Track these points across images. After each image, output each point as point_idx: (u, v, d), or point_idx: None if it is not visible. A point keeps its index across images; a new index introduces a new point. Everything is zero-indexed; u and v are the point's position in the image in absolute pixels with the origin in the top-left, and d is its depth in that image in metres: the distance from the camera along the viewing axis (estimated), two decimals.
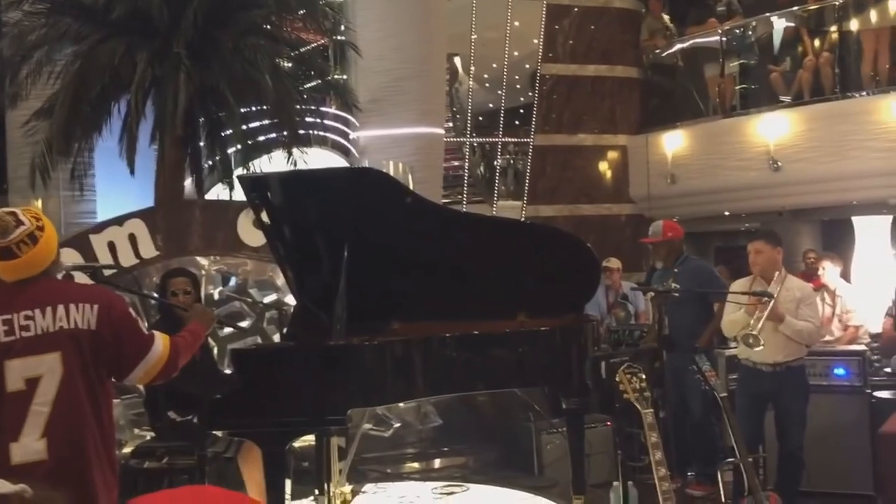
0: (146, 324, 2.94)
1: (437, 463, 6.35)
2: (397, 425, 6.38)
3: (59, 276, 2.94)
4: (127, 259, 5.62)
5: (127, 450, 5.25)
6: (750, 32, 10.79)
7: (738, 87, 10.81)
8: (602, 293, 7.04)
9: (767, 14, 10.61)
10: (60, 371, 2.58)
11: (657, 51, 11.95)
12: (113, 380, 2.78)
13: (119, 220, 5.68)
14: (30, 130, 6.46)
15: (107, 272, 4.00)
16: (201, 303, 4.94)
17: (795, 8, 10.25)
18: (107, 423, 2.69)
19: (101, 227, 5.71)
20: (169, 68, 6.01)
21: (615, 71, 11.96)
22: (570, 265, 4.43)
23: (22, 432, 2.54)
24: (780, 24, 10.44)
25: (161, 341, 2.76)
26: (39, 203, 7.34)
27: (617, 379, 3.35)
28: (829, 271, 6.86)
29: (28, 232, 2.62)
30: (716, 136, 10.52)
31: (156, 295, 4.89)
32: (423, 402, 6.17)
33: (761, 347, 4.52)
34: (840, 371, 5.48)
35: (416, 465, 6.31)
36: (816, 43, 9.97)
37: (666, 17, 12.11)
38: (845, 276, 7.57)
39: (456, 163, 11.53)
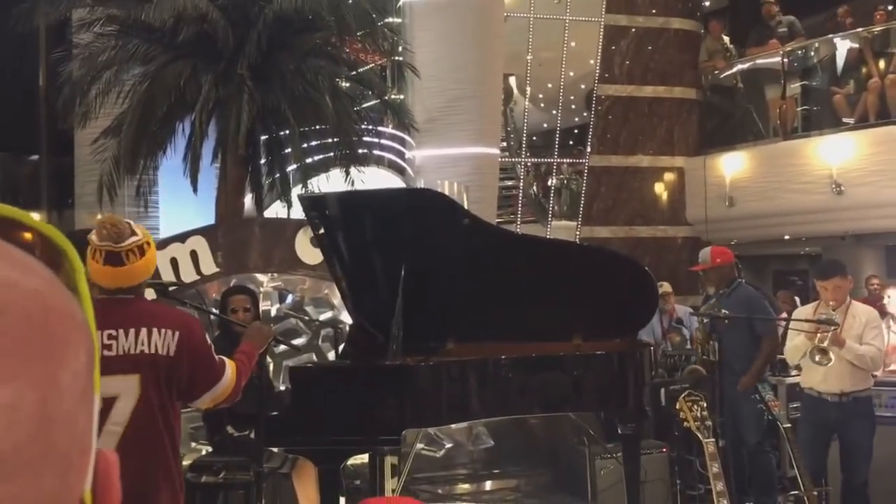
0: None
1: (488, 485, 6.30)
2: (449, 445, 6.35)
3: None
4: (188, 275, 5.72)
5: (185, 463, 5.34)
6: (812, 54, 10.61)
7: (799, 109, 10.62)
8: (657, 318, 6.93)
9: (831, 35, 10.43)
10: (137, 393, 2.61)
11: (716, 72, 11.81)
12: None
13: (181, 237, 5.80)
14: (98, 148, 6.66)
15: (171, 288, 4.09)
16: (259, 320, 5.00)
17: (860, 29, 10.05)
18: (176, 444, 2.73)
19: (164, 244, 5.84)
20: (232, 89, 6.16)
21: (673, 92, 11.85)
22: (627, 288, 4.37)
23: None
24: (843, 45, 10.24)
25: (230, 369, 2.80)
26: None
27: (677, 406, 3.29)
28: (894, 298, 6.66)
29: (139, 243, 2.67)
30: (776, 158, 10.34)
31: (215, 311, 4.97)
32: (475, 423, 6.14)
33: (832, 361, 4.39)
34: None
35: (467, 486, 6.27)
36: (881, 64, 9.75)
37: (726, 38, 11.98)
38: None
39: (510, 182, 11.52)
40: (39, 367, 0.33)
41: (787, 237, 10.94)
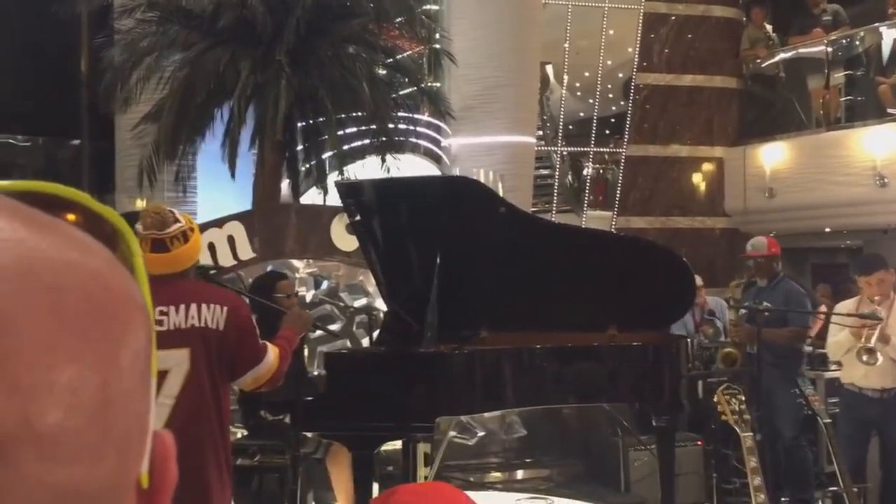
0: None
1: (520, 474, 6.30)
2: (481, 434, 6.36)
3: None
4: (225, 260, 5.78)
5: None
6: (857, 43, 10.38)
7: (843, 99, 10.41)
8: (688, 312, 6.86)
9: (876, 24, 10.18)
10: (188, 367, 2.68)
11: (758, 61, 11.61)
12: None
13: (219, 222, 5.85)
14: (138, 133, 6.74)
15: (210, 272, 4.12)
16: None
17: None
18: (225, 422, 2.80)
19: (201, 229, 5.86)
20: (270, 75, 6.19)
21: (713, 81, 11.67)
22: (663, 279, 4.33)
23: None
24: (889, 34, 10.00)
25: (272, 353, 2.85)
26: (144, 203, 7.64)
27: (715, 399, 3.25)
28: None
29: (182, 230, 2.76)
30: (818, 149, 10.15)
31: (253, 295, 5.00)
32: (508, 412, 6.14)
33: (880, 361, 4.32)
34: None
35: (499, 474, 6.28)
36: None
37: (768, 27, 11.76)
38: None
39: (545, 171, 11.45)
40: (100, 349, 0.33)
41: (827, 230, 10.75)
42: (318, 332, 5.88)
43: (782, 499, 5.60)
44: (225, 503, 2.79)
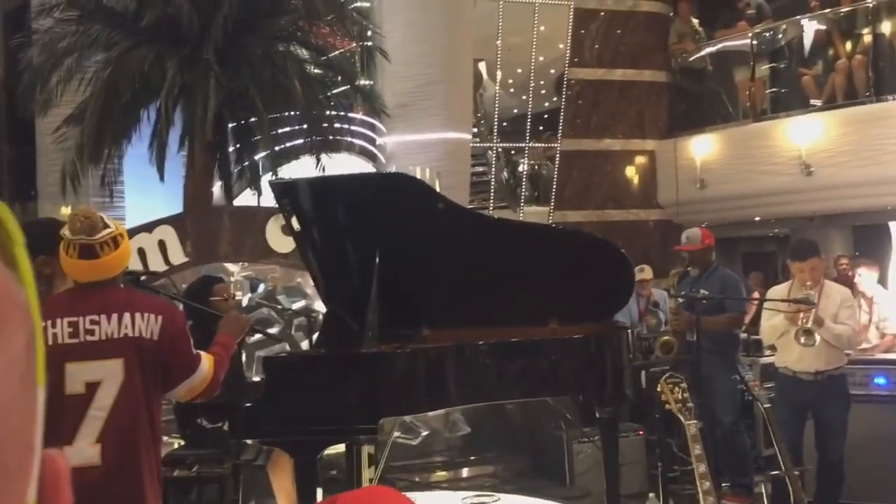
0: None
1: (465, 472, 6.27)
2: (425, 433, 6.31)
3: None
4: (157, 265, 5.60)
5: None
6: (780, 35, 10.65)
7: (768, 91, 10.67)
8: (633, 301, 6.94)
9: (798, 17, 10.47)
10: (121, 378, 2.58)
11: (685, 55, 11.83)
12: None
13: (149, 227, 5.68)
14: (60, 137, 6.49)
15: (141, 278, 3.98)
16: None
17: (827, 11, 10.10)
18: (158, 434, 2.69)
19: (131, 234, 5.68)
20: (198, 75, 6.03)
21: (643, 75, 11.85)
22: (602, 270, 4.34)
23: (77, 436, 2.53)
24: (810, 26, 10.29)
25: (207, 362, 2.76)
26: (69, 209, 7.37)
27: (658, 389, 3.26)
28: (865, 277, 6.71)
29: (112, 235, 2.64)
30: (746, 140, 10.38)
31: (187, 300, 4.85)
32: (452, 410, 6.10)
33: (817, 341, 4.40)
34: (881, 380, 5.35)
35: (444, 473, 6.24)
36: (848, 46, 9.81)
37: (695, 21, 11.99)
38: (882, 282, 7.41)
39: (481, 168, 11.47)
40: None
41: (757, 219, 11.02)
42: (257, 337, 5.76)
43: (723, 484, 5.69)
44: None
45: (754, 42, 10.77)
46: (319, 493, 4.10)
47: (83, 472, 2.49)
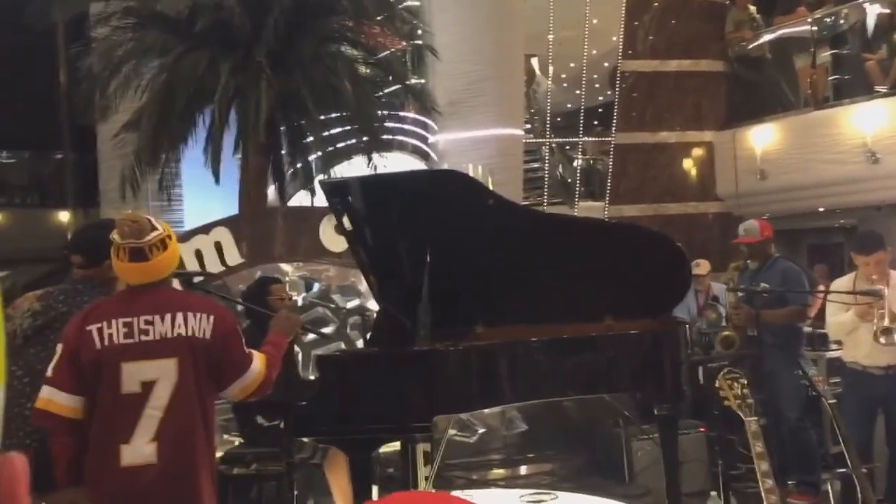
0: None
1: (523, 469, 6.23)
2: (482, 431, 6.28)
3: None
4: (213, 266, 5.69)
5: (217, 455, 5.32)
6: (842, 20, 10.32)
7: (830, 78, 10.34)
8: (692, 296, 6.80)
9: (860, 0, 10.13)
10: (175, 377, 2.61)
11: (743, 43, 11.55)
12: None
13: (205, 229, 5.76)
14: (119, 143, 6.64)
15: (196, 279, 4.04)
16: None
17: None
18: (212, 433, 2.72)
19: (188, 236, 5.81)
20: (251, 78, 6.10)
21: (699, 65, 11.60)
22: (658, 265, 4.25)
23: (134, 435, 2.57)
24: (873, 9, 9.94)
25: (259, 361, 2.79)
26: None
27: (717, 385, 3.17)
28: None
29: (161, 237, 2.69)
30: (808, 129, 10.08)
31: (240, 301, 4.91)
32: (508, 407, 6.07)
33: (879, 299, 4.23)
34: None
35: (502, 471, 6.20)
36: None
37: (752, 8, 11.70)
38: None
39: (535, 164, 11.39)
40: None
41: (821, 209, 10.70)
42: (312, 336, 5.81)
43: (788, 482, 5.52)
44: None
45: (814, 28, 10.45)
46: (375, 490, 4.11)
47: (140, 470, 2.54)
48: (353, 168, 7.31)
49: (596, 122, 11.77)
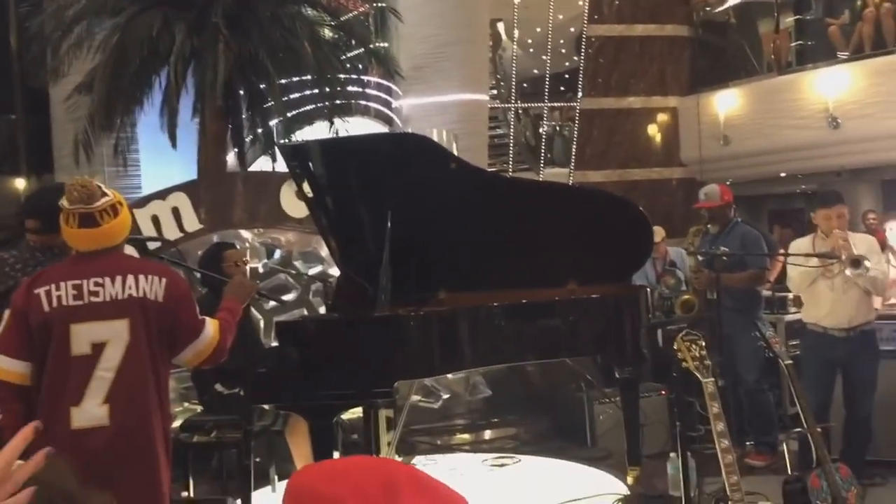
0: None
1: (487, 434, 6.26)
2: (446, 396, 6.29)
3: None
4: (171, 232, 5.59)
5: (177, 423, 5.26)
6: None
7: (793, 43, 10.40)
8: (649, 264, 6.83)
9: None
10: (127, 338, 2.57)
11: (708, 8, 11.55)
12: None
13: (162, 194, 5.65)
14: (72, 106, 6.45)
15: (151, 245, 3.95)
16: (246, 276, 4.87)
17: None
18: (164, 399, 2.69)
19: (144, 202, 5.69)
20: (207, 39, 5.94)
21: (664, 30, 11.59)
22: (621, 230, 4.24)
23: (84, 396, 2.53)
24: None
25: (212, 326, 2.74)
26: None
27: (675, 347, 3.18)
28: (894, 232, 6.55)
29: (111, 203, 2.63)
30: (771, 94, 10.15)
31: (194, 267, 4.83)
32: (471, 372, 6.08)
33: (869, 265, 4.27)
34: None
35: (466, 436, 6.23)
36: None
37: None
38: None
39: (501, 130, 11.33)
40: None
41: (783, 175, 10.81)
42: (274, 303, 5.73)
43: (747, 443, 5.62)
44: (168, 479, 2.68)
45: None
46: (337, 456, 4.09)
47: (92, 432, 2.49)
48: (315, 133, 7.19)
49: (562, 88, 11.72)
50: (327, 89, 6.76)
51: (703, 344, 3.10)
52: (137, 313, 2.58)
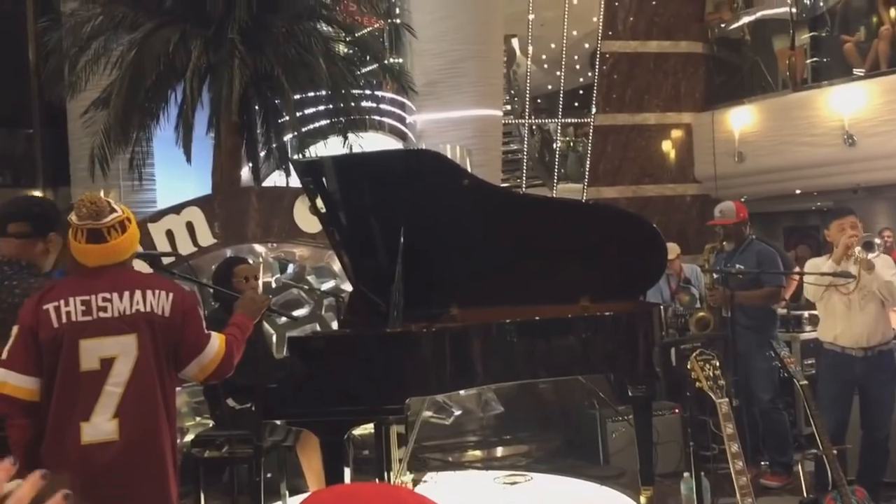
0: (204, 312, 2.91)
1: (499, 451, 6.22)
2: (458, 413, 6.26)
3: None
4: (185, 247, 5.60)
5: (189, 437, 5.26)
6: (821, 3, 10.32)
7: (809, 60, 10.36)
8: (664, 280, 6.80)
9: None
10: (135, 353, 2.58)
11: (723, 24, 11.53)
12: None
13: (176, 209, 5.67)
14: (88, 121, 6.50)
15: (165, 260, 3.96)
16: (258, 291, 4.88)
17: None
18: (173, 412, 2.68)
19: (158, 216, 5.71)
20: (223, 55, 5.98)
21: (679, 47, 11.59)
22: (634, 247, 4.23)
23: (94, 412, 2.53)
24: None
25: (217, 341, 2.75)
26: (102, 194, 7.39)
27: (689, 366, 3.15)
28: None
29: (119, 219, 2.64)
30: (786, 111, 10.11)
31: (206, 283, 4.84)
32: (483, 389, 6.05)
33: (878, 253, 4.24)
34: None
35: (477, 453, 6.19)
36: (892, 12, 9.48)
37: None
38: None
39: (515, 146, 11.34)
40: None
41: (798, 192, 10.75)
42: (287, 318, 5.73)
43: (762, 462, 5.56)
44: (176, 493, 2.67)
45: (794, 9, 10.45)
46: (348, 472, 4.07)
47: (102, 447, 2.50)
48: (330, 148, 7.21)
49: (577, 104, 11.72)
50: (342, 105, 6.78)
51: (718, 363, 3.07)
52: (145, 328, 2.59)
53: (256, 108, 6.70)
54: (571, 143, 11.74)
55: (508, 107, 11.13)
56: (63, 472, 2.47)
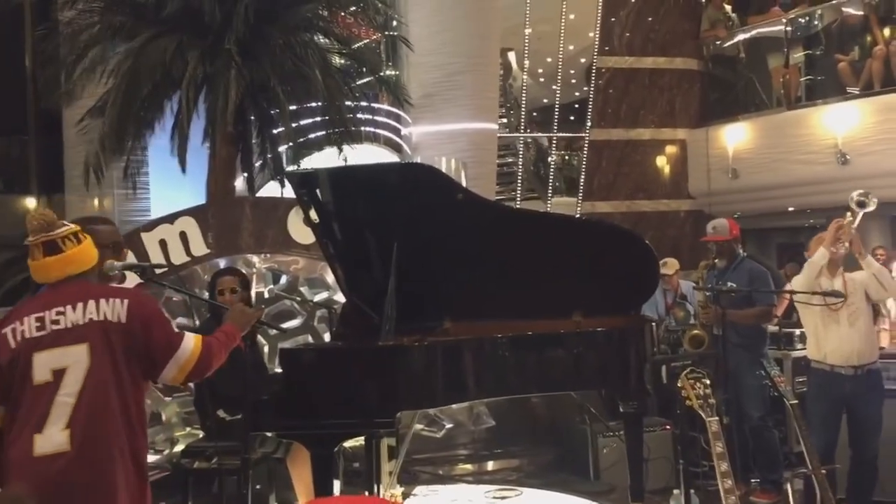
0: (196, 323, 2.89)
1: (489, 465, 6.21)
2: (449, 426, 6.25)
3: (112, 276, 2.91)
4: (178, 257, 5.59)
5: (179, 448, 5.24)
6: (816, 21, 10.39)
7: (803, 78, 10.42)
8: (660, 294, 6.82)
9: (834, 2, 10.20)
10: (87, 362, 2.56)
11: (718, 42, 11.61)
12: (151, 382, 2.73)
13: (170, 218, 5.66)
14: (83, 129, 6.50)
15: (157, 271, 3.96)
16: (251, 302, 4.87)
17: None
18: (135, 422, 2.63)
19: (152, 225, 5.70)
20: (220, 65, 5.99)
21: (674, 63, 11.65)
22: (627, 262, 4.24)
23: (46, 423, 2.51)
24: (847, 12, 10.03)
25: (192, 340, 2.72)
26: (96, 202, 7.40)
27: (679, 385, 3.16)
28: None
29: (73, 231, 2.66)
30: (780, 128, 10.16)
31: (195, 293, 4.84)
32: (476, 403, 6.04)
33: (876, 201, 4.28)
34: None
35: (468, 466, 6.18)
36: (887, 31, 9.55)
37: (728, 7, 11.76)
38: None
39: (510, 159, 11.37)
40: None
41: (791, 209, 10.79)
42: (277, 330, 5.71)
43: (752, 480, 5.56)
44: (145, 501, 2.64)
45: (788, 28, 10.53)
46: (337, 485, 4.06)
47: (54, 458, 2.48)
48: (325, 159, 7.21)
49: (572, 118, 11.77)
50: (337, 116, 6.80)
51: (708, 382, 3.07)
52: (98, 337, 2.57)
53: (252, 118, 6.70)
54: (566, 157, 11.79)
55: (504, 120, 11.17)
56: (19, 485, 2.47)
